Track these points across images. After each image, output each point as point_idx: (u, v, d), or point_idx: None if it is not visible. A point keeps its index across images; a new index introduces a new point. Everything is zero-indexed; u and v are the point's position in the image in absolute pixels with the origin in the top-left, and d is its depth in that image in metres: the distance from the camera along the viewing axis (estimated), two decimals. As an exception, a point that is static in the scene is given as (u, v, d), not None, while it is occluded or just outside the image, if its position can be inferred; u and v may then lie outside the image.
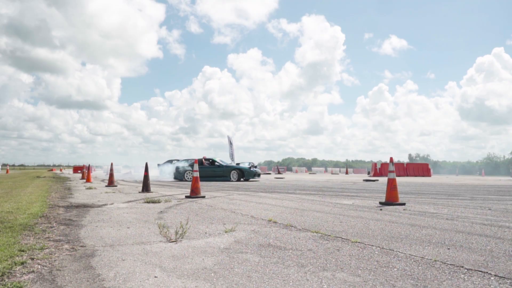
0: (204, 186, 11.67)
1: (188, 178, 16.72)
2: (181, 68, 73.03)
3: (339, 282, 2.03)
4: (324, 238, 3.26)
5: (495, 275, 2.14)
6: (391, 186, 6.05)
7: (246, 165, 27.11)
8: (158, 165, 20.77)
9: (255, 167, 30.11)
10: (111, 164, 12.32)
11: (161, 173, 19.29)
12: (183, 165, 17.45)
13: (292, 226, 3.90)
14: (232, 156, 32.56)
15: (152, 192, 8.90)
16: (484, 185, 13.50)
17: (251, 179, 17.39)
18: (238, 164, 27.23)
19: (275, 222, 4.18)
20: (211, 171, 16.93)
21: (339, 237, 3.30)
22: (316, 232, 3.54)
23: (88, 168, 15.52)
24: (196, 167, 7.59)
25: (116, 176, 25.10)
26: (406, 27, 73.70)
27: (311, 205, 5.96)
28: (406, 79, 72.43)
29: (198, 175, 7.55)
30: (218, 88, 65.16)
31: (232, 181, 16.33)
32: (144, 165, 9.55)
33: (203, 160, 17.33)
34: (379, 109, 68.00)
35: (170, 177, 18.23)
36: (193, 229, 3.70)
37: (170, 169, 19.00)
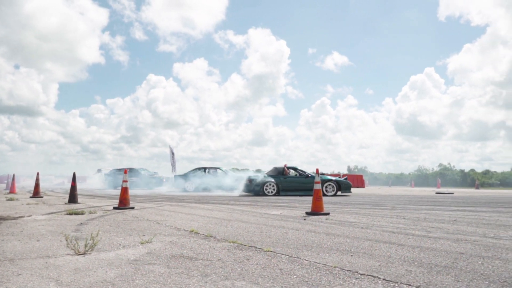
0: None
1: (268, 192, 13.61)
2: (124, 75, 70.80)
3: (235, 290, 2.07)
4: (239, 248, 3.31)
5: (383, 279, 2.30)
6: (317, 197, 6.27)
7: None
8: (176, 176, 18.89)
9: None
10: (37, 173, 11.61)
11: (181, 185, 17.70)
12: (260, 176, 14.32)
13: (211, 237, 3.92)
14: (173, 167, 31.94)
15: (79, 203, 8.51)
16: (408, 195, 14.36)
17: (347, 193, 14.27)
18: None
19: (196, 233, 4.17)
20: (297, 182, 13.97)
21: (254, 247, 3.36)
22: (234, 242, 3.58)
23: (13, 178, 14.50)
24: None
25: (47, 187, 23.67)
26: (348, 45, 77.36)
27: (239, 216, 6.02)
28: (347, 94, 75.65)
29: (127, 186, 7.34)
30: (163, 97, 63.86)
31: (327, 195, 13.09)
32: (73, 175, 9.12)
33: (285, 169, 14.30)
34: (321, 122, 70.23)
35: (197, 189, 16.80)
36: (107, 241, 3.59)
37: (226, 180, 16.84)
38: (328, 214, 6.15)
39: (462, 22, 64.61)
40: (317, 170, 6.41)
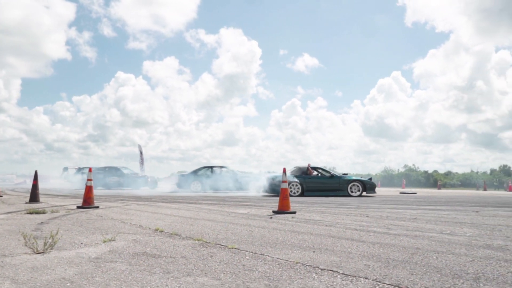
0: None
1: (293, 192, 13.05)
2: (91, 72, 68.82)
3: (197, 286, 2.08)
4: (204, 246, 3.31)
5: (342, 273, 2.37)
6: (284, 196, 6.35)
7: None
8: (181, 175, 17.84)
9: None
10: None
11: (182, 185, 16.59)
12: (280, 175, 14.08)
13: (177, 235, 3.90)
14: (142, 166, 31.37)
15: (41, 202, 8.24)
16: (373, 195, 14.68)
17: (371, 193, 13.88)
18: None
19: (161, 231, 4.14)
20: (322, 183, 13.64)
21: (219, 244, 3.38)
22: (199, 240, 3.58)
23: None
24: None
25: (7, 186, 22.69)
26: (318, 47, 78.41)
27: (206, 214, 6.01)
28: (317, 96, 76.62)
29: (92, 184, 7.18)
30: (132, 95, 62.52)
31: (352, 195, 13.12)
32: (34, 174, 8.82)
33: (309, 168, 13.98)
34: (291, 122, 70.74)
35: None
36: (69, 240, 3.51)
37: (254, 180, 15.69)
38: (294, 212, 6.23)
39: (428, 28, 66.79)
40: (284, 169, 6.48)
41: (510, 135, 64.31)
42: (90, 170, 7.34)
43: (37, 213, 5.83)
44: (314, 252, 3.05)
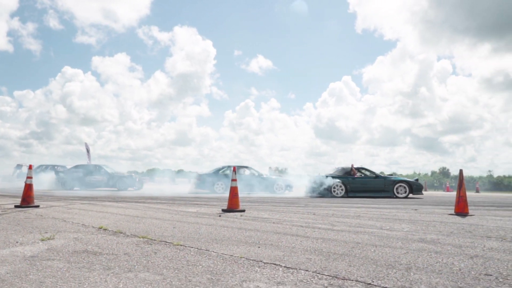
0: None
1: (336, 193, 12.97)
2: (35, 66, 65.22)
3: (137, 281, 2.05)
4: (148, 243, 3.26)
5: (284, 266, 2.43)
6: (233, 194, 6.38)
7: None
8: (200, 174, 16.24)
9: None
10: None
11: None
12: (328, 177, 13.42)
13: (121, 233, 3.80)
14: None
15: (-26, 202, 7.70)
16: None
17: (418, 195, 13.56)
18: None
19: (105, 230, 4.02)
20: (367, 184, 13.30)
21: (164, 241, 3.34)
22: (144, 238, 3.52)
23: None
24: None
25: None
26: (272, 49, 79.38)
27: (154, 213, 5.90)
28: (271, 97, 77.59)
29: (31, 182, 6.82)
30: (80, 91, 59.91)
31: (398, 197, 12.65)
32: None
33: (353, 169, 13.67)
34: (245, 123, 71.09)
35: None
36: (3, 239, 3.32)
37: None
38: (243, 211, 6.28)
39: (376, 36, 69.89)
40: (234, 168, 6.51)
41: (450, 139, 68.68)
42: (30, 167, 6.95)
43: (-31, 212, 5.45)
44: (259, 247, 3.10)
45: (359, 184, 13.26)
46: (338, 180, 13.19)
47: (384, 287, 2.00)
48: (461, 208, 6.22)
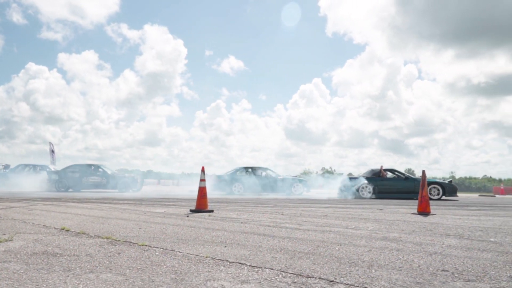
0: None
1: (364, 195, 13.08)
2: (-4, 61, 62.56)
3: (98, 282, 2.01)
4: (112, 243, 3.19)
5: (250, 265, 2.44)
6: (201, 194, 6.33)
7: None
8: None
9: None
10: None
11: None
12: (358, 178, 13.53)
13: (84, 234, 3.70)
14: (53, 165, 29.16)
15: None
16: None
17: (453, 197, 13.30)
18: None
19: (68, 231, 3.90)
20: (395, 185, 13.31)
21: (129, 242, 3.28)
22: (108, 238, 3.44)
23: None
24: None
25: None
26: (244, 50, 79.53)
27: (120, 214, 5.78)
28: (242, 98, 77.67)
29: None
30: (44, 89, 57.87)
31: (432, 199, 12.32)
32: None
33: (382, 170, 13.70)
34: (216, 124, 70.78)
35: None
36: (-44, 241, 3.17)
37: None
38: (212, 211, 6.25)
39: (346, 40, 71.26)
40: (202, 168, 6.47)
41: (415, 141, 70.87)
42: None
43: None
44: (225, 247, 3.09)
45: (387, 186, 13.39)
46: (365, 181, 13.32)
47: (346, 284, 2.04)
48: (423, 208, 6.44)
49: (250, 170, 16.46)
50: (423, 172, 6.58)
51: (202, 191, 6.33)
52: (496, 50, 54.46)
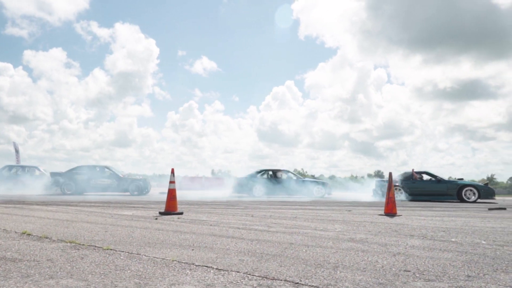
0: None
1: (396, 197, 12.71)
2: (-44, 57, 59.74)
3: (58, 288, 1.95)
4: (75, 248, 3.10)
5: (216, 268, 2.43)
6: (171, 196, 6.26)
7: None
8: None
9: None
10: None
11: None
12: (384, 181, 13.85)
13: (47, 238, 3.58)
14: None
15: None
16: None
17: (490, 200, 12.97)
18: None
19: (29, 235, 3.76)
20: (427, 188, 13.30)
21: (93, 246, 3.20)
22: (71, 242, 3.34)
23: None
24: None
25: None
26: (217, 51, 79.27)
27: (86, 217, 5.63)
28: (214, 99, 77.40)
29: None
30: (9, 87, 55.72)
31: (467, 201, 12.32)
32: None
33: (414, 173, 13.72)
34: (188, 125, 70.24)
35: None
36: None
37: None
38: (181, 213, 6.18)
39: (318, 43, 72.31)
40: (172, 169, 6.40)
41: (384, 144, 72.65)
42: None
43: None
44: (193, 250, 3.07)
45: (419, 188, 13.42)
46: (397, 184, 13.45)
47: (311, 285, 2.06)
48: (390, 209, 6.60)
49: (270, 172, 16.41)
50: (390, 174, 6.75)
51: (171, 193, 6.26)
52: (461, 56, 56.66)
